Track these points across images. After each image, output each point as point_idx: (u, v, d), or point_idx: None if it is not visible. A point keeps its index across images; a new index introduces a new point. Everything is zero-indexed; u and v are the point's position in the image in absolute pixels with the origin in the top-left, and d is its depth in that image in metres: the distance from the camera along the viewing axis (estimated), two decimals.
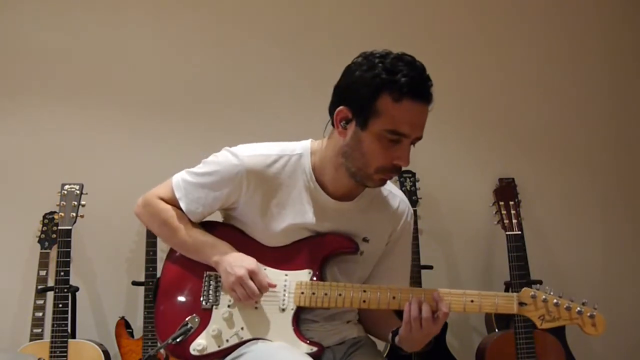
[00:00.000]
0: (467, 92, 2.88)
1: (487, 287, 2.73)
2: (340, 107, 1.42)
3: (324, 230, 1.52)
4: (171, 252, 1.60)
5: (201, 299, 1.50)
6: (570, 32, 2.96)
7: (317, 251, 1.50)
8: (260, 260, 1.49)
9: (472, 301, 1.43)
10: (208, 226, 1.58)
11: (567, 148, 2.91)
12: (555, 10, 2.96)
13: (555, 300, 1.42)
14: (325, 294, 1.46)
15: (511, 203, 2.49)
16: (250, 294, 1.43)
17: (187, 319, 1.46)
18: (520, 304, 1.44)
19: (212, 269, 1.51)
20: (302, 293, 1.47)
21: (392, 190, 1.64)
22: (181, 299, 1.52)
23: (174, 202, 1.56)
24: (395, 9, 2.89)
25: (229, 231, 1.57)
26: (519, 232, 2.44)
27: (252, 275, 1.44)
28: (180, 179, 1.56)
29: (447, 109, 2.86)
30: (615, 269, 2.87)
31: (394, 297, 1.45)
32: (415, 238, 2.58)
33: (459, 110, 2.87)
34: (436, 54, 2.88)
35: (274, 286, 1.47)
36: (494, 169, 2.80)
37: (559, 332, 2.47)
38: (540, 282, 2.48)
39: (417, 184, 2.67)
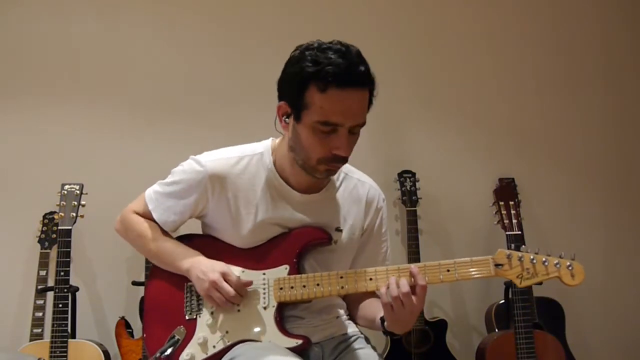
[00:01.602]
0: (467, 92, 2.89)
1: (487, 287, 2.73)
2: (280, 102, 1.45)
3: (295, 224, 1.53)
4: (152, 271, 1.62)
5: (185, 310, 1.52)
6: (570, 32, 2.96)
7: (291, 246, 1.52)
8: (237, 263, 1.51)
9: (448, 271, 1.42)
10: (184, 239, 1.60)
11: (567, 148, 2.91)
12: (554, 10, 2.96)
13: (531, 257, 1.41)
14: (304, 287, 1.47)
15: (511, 203, 2.49)
16: (226, 297, 1.44)
17: (173, 331, 1.48)
18: (497, 265, 1.42)
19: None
20: (281, 289, 1.48)
21: (360, 177, 1.64)
22: (166, 312, 1.54)
23: (148, 215, 1.60)
24: (396, 9, 2.89)
25: (204, 240, 1.59)
26: (519, 232, 2.44)
27: (225, 277, 1.45)
28: (152, 191, 1.60)
29: (447, 109, 2.87)
30: (615, 269, 2.87)
31: (370, 279, 1.45)
32: (415, 238, 2.59)
33: (459, 111, 2.87)
34: (436, 54, 2.89)
35: (250, 283, 1.48)
36: (494, 169, 2.80)
37: (559, 332, 2.48)
38: (540, 283, 2.48)
39: (417, 184, 2.68)
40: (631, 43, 2.99)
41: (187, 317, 1.52)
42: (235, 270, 1.50)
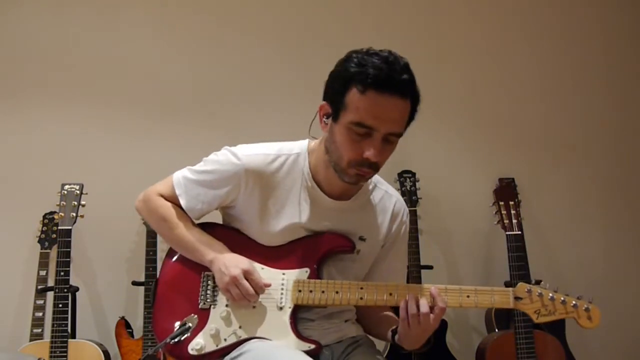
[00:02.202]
0: (468, 92, 2.89)
1: (487, 286, 2.73)
2: (323, 103, 1.45)
3: (321, 229, 1.53)
4: (170, 252, 1.61)
5: (199, 298, 1.51)
6: (570, 32, 2.96)
7: (314, 250, 1.51)
8: (258, 259, 1.50)
9: (468, 297, 1.46)
10: (206, 227, 1.59)
11: (567, 148, 2.91)
12: (554, 10, 2.96)
13: (550, 295, 1.44)
14: (323, 292, 1.47)
15: (511, 203, 2.49)
16: (245, 294, 1.44)
17: (185, 318, 1.46)
18: (516, 298, 1.45)
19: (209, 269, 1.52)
20: (300, 291, 1.48)
21: (387, 190, 1.65)
22: (179, 299, 1.52)
23: (174, 199, 1.57)
24: (396, 9, 2.89)
25: (227, 232, 1.57)
26: (519, 232, 2.44)
27: (246, 275, 1.45)
28: (181, 176, 1.58)
29: (447, 109, 2.87)
30: (615, 268, 2.87)
31: (390, 294, 1.46)
32: (415, 238, 2.58)
33: (459, 111, 2.87)
34: (436, 54, 2.89)
35: (269, 285, 1.47)
36: (494, 169, 2.79)
37: (559, 332, 2.47)
38: (539, 282, 2.48)
39: (417, 184, 2.67)
40: (632, 43, 2.99)
41: (200, 306, 1.50)
42: (256, 267, 1.49)
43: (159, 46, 2.77)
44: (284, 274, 1.50)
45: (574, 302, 1.43)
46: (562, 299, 1.44)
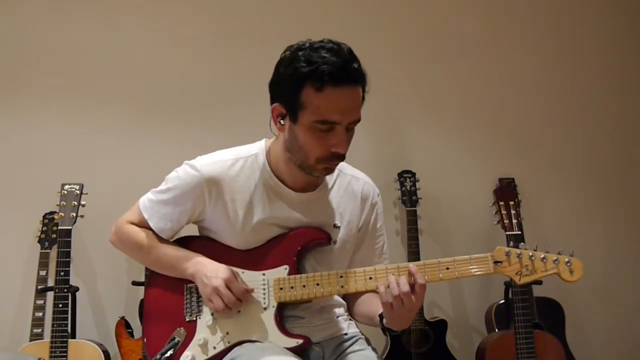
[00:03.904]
0: (467, 92, 2.89)
1: (487, 287, 2.73)
2: (274, 104, 1.45)
3: (293, 223, 1.53)
4: (150, 274, 1.62)
5: (185, 311, 1.52)
6: (570, 32, 2.96)
7: (291, 246, 1.52)
8: (237, 264, 1.51)
9: (447, 269, 1.44)
10: (181, 242, 1.60)
11: (567, 148, 2.91)
12: (554, 10, 2.96)
13: (530, 254, 1.41)
14: (304, 286, 1.48)
15: (511, 203, 2.49)
16: (228, 303, 1.44)
17: (173, 333, 1.47)
18: (496, 262, 1.43)
19: (192, 281, 1.53)
20: (281, 289, 1.48)
21: (353, 174, 1.65)
22: (166, 315, 1.54)
23: (144, 224, 1.59)
24: (395, 9, 2.89)
25: (202, 242, 1.58)
26: (519, 232, 2.44)
27: (228, 283, 1.45)
28: (146, 199, 1.60)
29: (447, 109, 2.87)
30: (615, 269, 2.87)
31: (370, 278, 1.46)
32: (415, 238, 2.58)
33: (459, 111, 2.87)
34: (436, 54, 2.89)
35: (252, 291, 1.48)
36: (494, 169, 2.79)
37: (559, 332, 2.48)
38: (540, 282, 2.48)
39: (417, 184, 2.67)
40: (632, 43, 2.99)
41: (187, 319, 1.51)
42: (236, 272, 1.50)
43: (159, 46, 2.77)
44: (264, 274, 1.51)
45: (554, 257, 1.40)
46: (542, 256, 1.40)
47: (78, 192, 2.42)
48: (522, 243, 1.47)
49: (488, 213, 2.62)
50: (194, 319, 1.51)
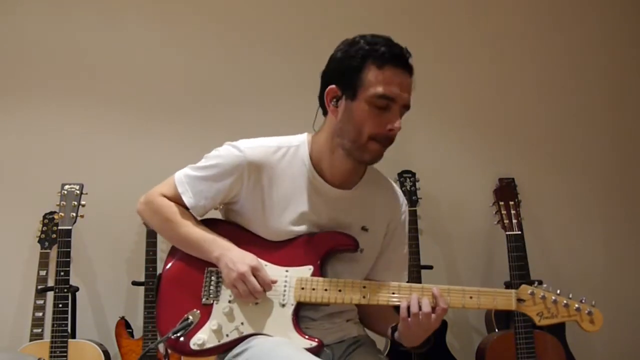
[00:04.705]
0: (468, 92, 2.89)
1: (487, 286, 2.72)
2: (329, 87, 1.48)
3: (324, 219, 1.54)
4: (173, 248, 1.61)
5: (202, 294, 1.51)
6: (571, 33, 2.96)
7: (318, 248, 1.51)
8: (261, 256, 1.50)
9: (471, 298, 1.46)
10: (209, 223, 1.59)
11: (567, 148, 2.91)
12: (554, 11, 2.96)
13: (553, 298, 1.43)
14: (325, 290, 1.47)
15: (511, 203, 2.49)
16: (252, 291, 1.44)
17: (187, 313, 1.47)
18: (519, 300, 1.45)
19: (214, 264, 1.52)
20: (303, 289, 1.48)
21: (387, 181, 1.69)
22: (182, 294, 1.52)
23: (176, 199, 1.57)
24: (395, 9, 2.89)
25: (231, 227, 1.57)
26: (519, 232, 2.44)
27: (254, 271, 1.45)
28: (182, 174, 1.58)
29: (448, 109, 2.87)
30: (615, 268, 2.87)
31: (393, 293, 1.47)
32: (415, 238, 2.58)
33: (459, 111, 2.87)
34: (436, 54, 2.89)
35: (276, 282, 1.48)
36: (494, 169, 2.80)
37: (559, 332, 2.47)
38: (541, 282, 2.48)
39: (417, 184, 2.67)
40: (632, 43, 2.99)
41: (203, 302, 1.50)
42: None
43: (160, 46, 2.77)
44: (287, 271, 1.50)
45: (576, 305, 1.42)
46: (564, 302, 1.43)
47: (78, 192, 2.42)
48: (544, 285, 1.49)
49: (488, 213, 2.62)
50: (210, 303, 1.50)
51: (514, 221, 2.46)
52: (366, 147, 1.47)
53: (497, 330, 2.50)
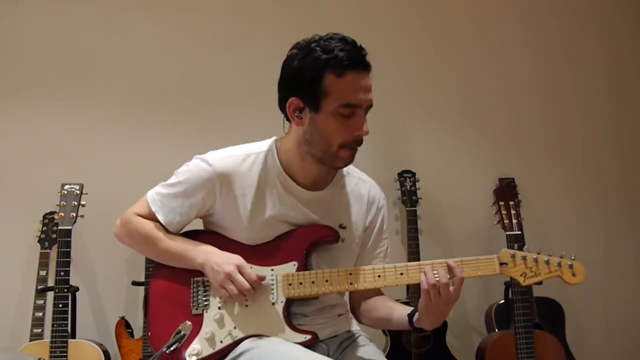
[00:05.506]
0: (467, 92, 2.89)
1: (487, 287, 2.73)
2: (290, 99, 1.47)
3: (302, 220, 1.55)
4: (156, 266, 1.61)
5: (191, 305, 1.52)
6: (570, 33, 2.96)
7: (299, 243, 1.53)
8: (245, 259, 1.51)
9: None
10: (189, 234, 1.60)
11: (567, 148, 2.91)
12: (554, 11, 2.96)
13: (534, 256, 1.47)
14: (313, 283, 1.49)
15: (511, 203, 2.49)
16: (240, 289, 1.44)
17: (180, 326, 1.47)
18: (502, 264, 1.48)
19: (199, 274, 1.53)
20: (290, 285, 1.49)
21: (360, 176, 1.68)
22: (172, 308, 1.53)
23: (151, 217, 1.59)
24: (395, 10, 2.89)
25: (209, 236, 1.59)
26: (519, 232, 2.44)
27: (240, 270, 1.46)
28: (154, 192, 1.60)
29: (448, 110, 2.87)
30: (615, 268, 2.87)
31: (379, 276, 1.49)
32: (415, 238, 2.59)
33: (459, 111, 2.87)
34: (436, 54, 2.89)
35: (264, 278, 1.48)
36: (494, 169, 2.80)
37: (559, 332, 2.48)
38: (540, 283, 2.48)
39: (417, 184, 2.68)
40: (632, 44, 2.99)
41: (193, 312, 1.51)
42: None
43: (159, 46, 2.77)
44: (272, 270, 1.51)
45: (557, 261, 1.46)
46: (545, 259, 1.47)
47: (78, 192, 2.42)
48: (525, 246, 1.53)
49: (488, 213, 2.62)
50: (201, 312, 1.50)
51: (514, 221, 2.46)
52: (337, 155, 1.48)
53: (497, 330, 2.50)
